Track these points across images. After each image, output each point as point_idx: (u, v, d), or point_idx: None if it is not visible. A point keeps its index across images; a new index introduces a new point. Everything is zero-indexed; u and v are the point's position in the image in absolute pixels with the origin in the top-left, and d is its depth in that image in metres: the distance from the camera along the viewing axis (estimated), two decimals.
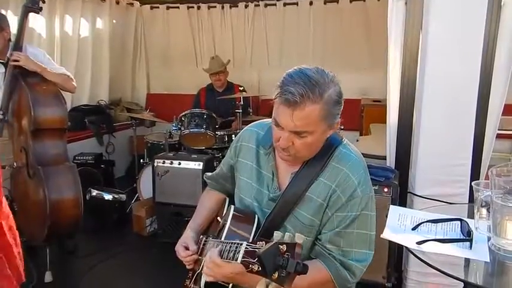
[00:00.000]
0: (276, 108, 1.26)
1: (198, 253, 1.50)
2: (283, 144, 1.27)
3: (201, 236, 1.57)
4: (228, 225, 1.39)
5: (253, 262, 1.01)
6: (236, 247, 1.14)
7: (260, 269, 1.00)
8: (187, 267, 1.52)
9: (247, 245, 1.10)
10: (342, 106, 1.30)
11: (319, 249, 1.37)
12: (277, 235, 1.03)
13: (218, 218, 1.55)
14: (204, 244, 1.53)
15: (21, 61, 2.88)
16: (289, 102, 1.19)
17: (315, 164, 1.36)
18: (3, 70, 2.95)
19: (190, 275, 1.54)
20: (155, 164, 3.68)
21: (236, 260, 1.10)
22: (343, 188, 1.32)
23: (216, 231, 1.49)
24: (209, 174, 1.76)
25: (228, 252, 1.17)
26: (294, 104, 1.19)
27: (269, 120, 1.48)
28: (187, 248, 1.50)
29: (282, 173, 1.43)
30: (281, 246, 0.99)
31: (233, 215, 1.42)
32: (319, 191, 1.35)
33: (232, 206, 1.48)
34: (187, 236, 1.54)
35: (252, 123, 1.59)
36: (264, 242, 1.05)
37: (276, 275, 0.98)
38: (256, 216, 1.44)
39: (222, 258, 1.21)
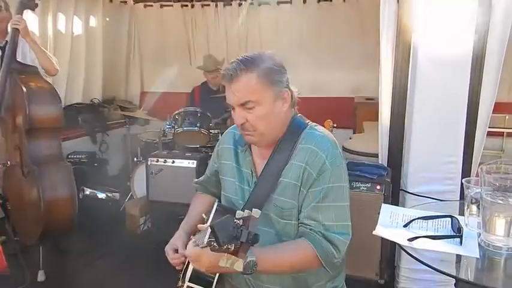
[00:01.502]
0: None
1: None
2: (237, 120, 1.36)
3: (191, 237, 1.58)
4: (210, 220, 1.39)
5: (214, 240, 1.03)
6: (206, 232, 1.15)
7: (215, 241, 1.02)
8: (177, 268, 1.53)
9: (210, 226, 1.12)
10: (285, 75, 1.37)
11: (302, 228, 1.39)
12: (238, 213, 1.06)
13: (203, 214, 1.56)
14: None
15: (21, 25, 2.91)
16: (226, 79, 1.32)
17: (284, 150, 1.41)
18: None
19: (180, 275, 1.55)
20: (149, 163, 3.68)
21: (203, 242, 1.13)
22: (312, 164, 1.36)
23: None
24: (196, 180, 1.80)
25: (201, 238, 1.20)
26: (230, 78, 1.31)
27: None
28: (176, 251, 1.50)
29: (259, 167, 1.47)
30: (237, 221, 1.02)
31: (216, 210, 1.43)
32: (292, 173, 1.38)
33: (216, 203, 1.50)
34: (178, 238, 1.54)
35: (232, 126, 1.64)
36: None
37: (231, 247, 1.00)
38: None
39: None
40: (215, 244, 1.02)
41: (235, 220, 1.02)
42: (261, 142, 1.42)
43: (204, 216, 1.55)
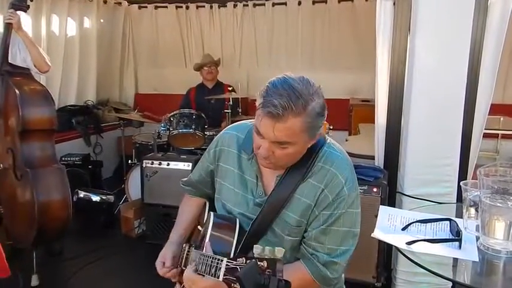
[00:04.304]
0: (258, 118, 1.23)
1: (182, 264, 1.48)
2: (264, 153, 1.26)
3: (184, 245, 1.54)
4: (209, 234, 1.34)
5: (235, 281, 0.98)
6: (217, 263, 1.10)
7: None
8: (172, 280, 1.50)
9: (227, 261, 1.06)
10: (324, 117, 1.28)
11: (303, 249, 1.36)
12: (256, 249, 0.99)
13: (199, 226, 1.50)
14: (187, 253, 1.49)
15: (14, 19, 2.90)
16: (272, 115, 1.17)
17: (301, 166, 1.34)
18: None
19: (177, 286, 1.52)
20: (143, 165, 3.65)
21: (218, 277, 1.06)
22: (330, 187, 1.32)
23: (198, 241, 1.45)
24: (185, 179, 1.71)
25: (210, 268, 1.13)
26: (277, 117, 1.17)
27: (248, 121, 1.47)
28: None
29: (267, 176, 1.41)
30: (261, 263, 0.96)
31: (213, 222, 1.38)
32: (307, 192, 1.34)
33: (212, 213, 1.43)
34: (166, 252, 1.51)
35: (229, 126, 1.55)
36: (244, 258, 1.02)
37: None
38: (238, 221, 1.41)
39: (201, 271, 1.18)
40: (235, 286, 0.98)
41: (259, 263, 0.95)
42: (277, 169, 1.36)
43: (200, 228, 1.49)
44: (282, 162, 1.30)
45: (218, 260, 1.09)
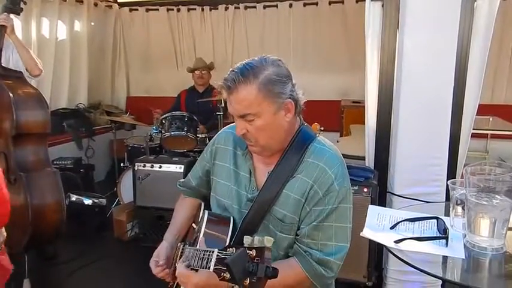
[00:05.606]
0: None
1: (177, 262, 1.49)
2: (238, 131, 1.33)
3: (179, 244, 1.55)
4: (202, 231, 1.36)
5: (224, 270, 0.99)
6: (208, 255, 1.12)
7: (230, 276, 0.99)
8: (166, 280, 1.51)
9: (218, 252, 1.08)
10: (288, 84, 1.32)
11: (296, 247, 1.37)
12: (247, 240, 1.02)
13: (193, 224, 1.52)
14: (181, 252, 1.50)
15: (8, 23, 2.92)
16: (226, 89, 1.29)
17: (290, 162, 1.36)
18: None
19: (170, 284, 1.53)
20: (136, 168, 3.65)
21: (209, 268, 1.08)
22: (320, 183, 1.32)
23: (192, 239, 1.47)
24: (182, 181, 1.73)
25: (202, 260, 1.15)
26: (229, 90, 1.28)
27: None
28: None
29: (260, 172, 1.43)
30: (250, 252, 0.98)
31: (207, 219, 1.40)
32: (297, 187, 1.35)
33: (207, 211, 1.45)
34: (160, 251, 1.52)
35: (228, 125, 1.59)
36: (234, 249, 1.04)
37: (247, 281, 0.97)
38: (232, 218, 1.42)
39: (194, 266, 1.20)
40: (226, 275, 0.99)
41: (248, 251, 0.98)
42: (264, 153, 1.38)
43: (194, 226, 1.51)
44: (261, 139, 1.33)
45: (209, 252, 1.12)
